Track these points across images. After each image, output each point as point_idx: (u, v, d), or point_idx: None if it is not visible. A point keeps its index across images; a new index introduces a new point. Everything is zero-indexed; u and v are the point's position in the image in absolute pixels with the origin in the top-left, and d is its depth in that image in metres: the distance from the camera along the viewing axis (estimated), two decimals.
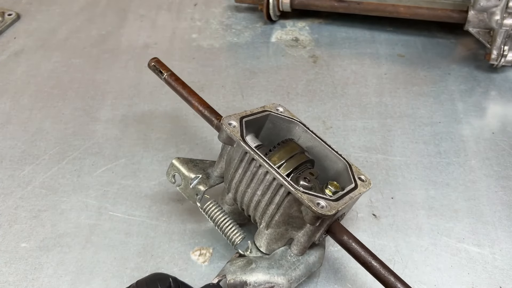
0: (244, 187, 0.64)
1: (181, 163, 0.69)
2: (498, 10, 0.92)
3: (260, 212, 0.63)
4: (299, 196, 0.57)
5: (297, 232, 0.62)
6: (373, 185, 0.79)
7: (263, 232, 0.63)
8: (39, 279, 0.68)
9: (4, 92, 1.00)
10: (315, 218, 0.57)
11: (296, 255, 0.63)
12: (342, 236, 0.61)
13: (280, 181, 0.59)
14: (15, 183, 0.82)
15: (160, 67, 0.78)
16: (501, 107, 0.94)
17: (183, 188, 0.69)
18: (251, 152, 0.62)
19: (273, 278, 0.60)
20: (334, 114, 0.93)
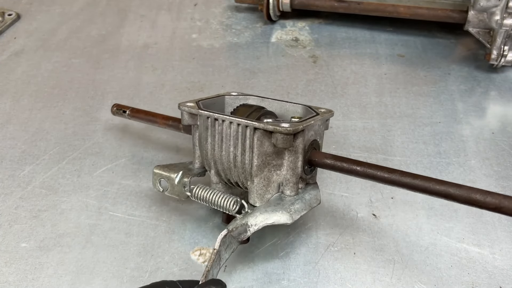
0: (218, 151, 0.66)
1: (162, 168, 0.71)
2: (498, 10, 0.92)
3: (240, 168, 0.64)
4: (263, 126, 0.61)
5: (280, 171, 0.64)
6: (373, 185, 0.79)
7: (251, 187, 0.65)
8: (39, 279, 0.68)
9: (4, 92, 1.00)
10: (285, 140, 0.60)
11: (290, 196, 0.65)
12: (323, 159, 0.64)
13: (243, 123, 0.62)
14: (15, 183, 0.82)
15: (122, 108, 0.85)
16: (501, 107, 0.94)
17: (170, 190, 0.70)
18: (212, 113, 0.65)
19: (272, 214, 0.62)
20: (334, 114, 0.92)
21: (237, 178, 0.66)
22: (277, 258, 0.70)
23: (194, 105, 0.68)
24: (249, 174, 0.64)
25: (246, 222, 0.62)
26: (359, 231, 0.73)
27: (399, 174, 0.60)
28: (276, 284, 0.67)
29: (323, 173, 0.81)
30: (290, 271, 0.68)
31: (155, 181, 0.71)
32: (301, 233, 0.73)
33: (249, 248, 0.71)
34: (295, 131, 0.61)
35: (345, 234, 0.73)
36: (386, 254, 0.70)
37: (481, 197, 0.55)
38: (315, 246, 0.71)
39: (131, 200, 0.78)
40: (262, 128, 0.61)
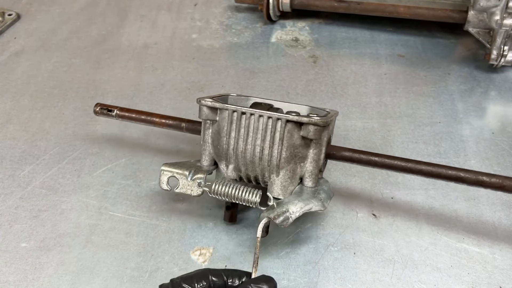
0: (243, 145, 0.66)
1: (171, 166, 0.70)
2: (498, 10, 0.92)
3: (266, 161, 0.66)
4: (297, 118, 0.64)
5: (304, 164, 0.67)
6: (373, 185, 0.79)
7: (276, 180, 0.67)
8: (39, 279, 0.69)
9: (4, 92, 1.00)
10: (316, 131, 0.64)
11: (311, 188, 0.68)
12: (341, 152, 0.70)
13: (275, 116, 0.65)
14: (15, 183, 0.82)
15: (107, 107, 0.80)
16: (501, 107, 0.94)
17: (183, 187, 0.69)
18: (239, 107, 0.66)
19: (309, 203, 0.64)
20: None
21: (258, 172, 0.67)
22: (277, 258, 0.70)
23: (213, 101, 0.68)
24: (275, 166, 0.66)
25: (288, 209, 0.63)
26: (359, 231, 0.73)
27: (415, 163, 0.66)
28: None
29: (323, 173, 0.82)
30: (290, 271, 0.68)
31: (163, 179, 0.70)
32: (301, 233, 0.73)
33: (249, 248, 0.71)
34: (326, 123, 0.64)
35: (345, 234, 0.73)
36: (386, 254, 0.70)
37: (487, 179, 0.64)
38: (315, 246, 0.71)
39: (131, 200, 0.79)
40: (296, 121, 0.64)
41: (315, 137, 0.64)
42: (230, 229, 0.74)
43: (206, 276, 0.57)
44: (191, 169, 0.69)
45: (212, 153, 0.71)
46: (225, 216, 0.73)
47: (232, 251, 0.71)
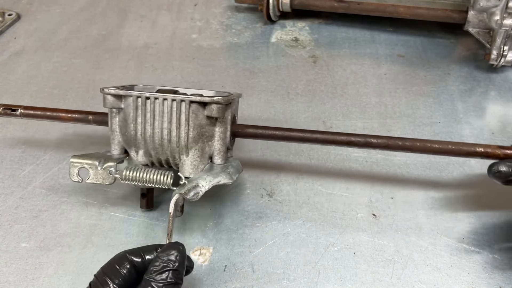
0: (150, 130, 0.68)
1: (80, 157, 0.70)
2: (498, 10, 0.92)
3: (175, 143, 0.68)
4: (200, 98, 0.67)
5: (212, 142, 0.70)
6: (373, 185, 0.79)
7: (186, 160, 0.69)
8: (40, 279, 0.69)
9: (5, 92, 1.01)
10: (219, 109, 0.67)
11: (221, 164, 0.71)
12: (245, 129, 0.73)
13: (179, 98, 0.67)
14: (15, 183, 0.82)
15: (10, 106, 0.78)
16: (500, 107, 0.94)
17: (94, 177, 0.70)
18: (142, 93, 0.68)
19: (217, 177, 0.68)
20: (334, 114, 0.93)
21: (168, 155, 0.69)
22: (277, 258, 0.70)
23: (118, 88, 0.70)
24: (184, 147, 0.68)
25: (197, 184, 0.66)
26: (359, 231, 0.73)
27: (310, 132, 0.72)
28: (276, 284, 0.67)
29: (323, 173, 0.82)
30: (290, 271, 0.69)
31: (73, 171, 0.70)
32: (301, 233, 0.73)
33: (249, 247, 0.72)
34: (228, 101, 0.68)
35: (345, 234, 0.73)
36: (386, 254, 0.70)
37: (375, 140, 0.71)
38: (315, 246, 0.71)
39: (131, 200, 0.79)
40: (199, 101, 0.67)
41: (219, 115, 0.67)
42: (230, 229, 0.74)
43: (125, 258, 0.57)
44: (100, 159, 0.70)
45: (121, 141, 0.72)
46: (141, 203, 0.75)
47: (232, 251, 0.71)
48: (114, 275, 0.56)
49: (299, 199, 0.78)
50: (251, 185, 0.80)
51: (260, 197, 0.79)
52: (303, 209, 0.76)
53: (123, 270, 0.56)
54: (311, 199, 0.78)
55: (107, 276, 0.56)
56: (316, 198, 0.78)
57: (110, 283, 0.55)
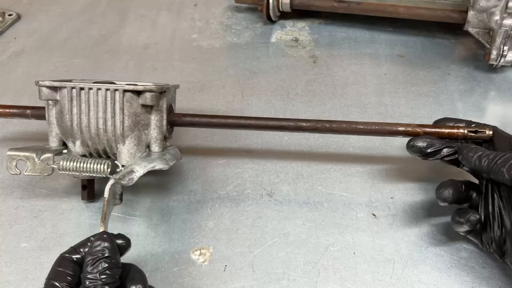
0: (86, 120, 0.69)
1: (17, 150, 0.71)
2: (498, 11, 0.92)
3: (111, 132, 0.69)
4: (133, 87, 0.68)
5: (148, 130, 0.71)
6: (373, 185, 0.79)
7: (123, 149, 0.70)
8: (40, 278, 0.69)
9: (5, 92, 1.01)
10: (153, 97, 0.68)
11: (158, 152, 0.72)
12: (182, 118, 0.76)
13: (112, 87, 0.68)
14: (15, 183, 0.82)
15: None
16: (500, 107, 0.94)
17: (31, 169, 0.70)
18: (77, 84, 0.69)
19: (153, 162, 0.69)
20: (334, 114, 0.93)
21: (106, 145, 0.70)
22: (277, 258, 0.70)
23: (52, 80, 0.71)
24: (120, 136, 0.69)
25: (132, 169, 0.67)
26: (359, 231, 0.73)
27: (244, 119, 0.75)
28: (276, 284, 0.67)
29: (323, 173, 0.82)
30: (290, 271, 0.69)
31: (11, 164, 0.71)
32: (301, 233, 0.73)
33: (249, 248, 0.72)
34: (162, 90, 0.70)
35: (344, 234, 0.73)
36: (385, 254, 0.70)
37: (305, 124, 0.74)
38: (315, 246, 0.71)
39: (131, 200, 0.79)
40: (132, 90, 0.68)
41: (153, 103, 0.69)
42: (230, 229, 0.74)
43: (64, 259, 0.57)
44: (38, 151, 0.71)
45: (59, 133, 0.73)
46: (82, 195, 0.77)
47: (232, 251, 0.71)
48: (61, 278, 0.55)
49: (299, 199, 0.78)
50: (251, 185, 0.80)
51: (260, 197, 0.79)
52: (303, 209, 0.77)
53: (67, 270, 0.56)
54: (311, 199, 0.78)
55: (55, 281, 0.55)
56: (316, 198, 0.78)
57: (60, 285, 0.54)
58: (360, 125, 0.74)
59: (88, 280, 0.53)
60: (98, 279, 0.53)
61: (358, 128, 0.74)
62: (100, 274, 0.54)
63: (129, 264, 0.58)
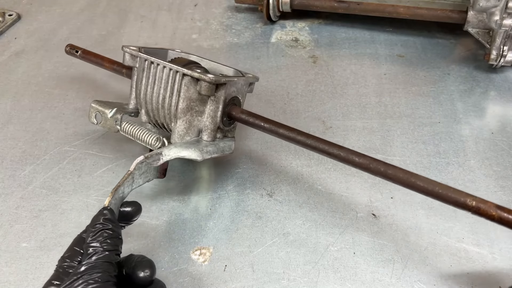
0: (150, 92, 0.73)
1: (98, 103, 0.78)
2: (498, 11, 0.92)
3: (167, 109, 0.72)
4: (191, 73, 0.69)
5: (201, 118, 0.72)
6: (373, 185, 0.79)
7: (175, 128, 0.72)
8: (40, 278, 0.69)
9: (5, 92, 1.01)
10: (208, 88, 0.69)
11: (206, 141, 0.73)
12: (239, 114, 0.74)
13: (175, 68, 0.71)
14: (16, 183, 0.82)
15: (75, 48, 0.95)
16: (500, 107, 0.94)
17: (103, 123, 0.77)
18: (149, 57, 0.73)
19: (185, 150, 0.69)
20: (333, 114, 0.93)
21: (163, 119, 0.74)
22: (277, 258, 0.70)
23: (136, 49, 0.76)
24: (173, 115, 0.72)
25: (161, 152, 0.69)
26: (359, 231, 0.73)
27: (296, 133, 0.70)
28: (276, 284, 0.67)
29: (322, 173, 0.82)
30: (290, 271, 0.69)
31: (91, 114, 0.78)
32: (301, 233, 0.73)
33: (249, 247, 0.72)
34: (217, 82, 0.69)
35: (344, 234, 0.73)
36: (385, 254, 0.70)
37: (358, 159, 0.65)
38: (315, 246, 0.72)
39: (131, 200, 0.79)
40: (190, 75, 0.70)
41: (207, 93, 0.69)
42: (230, 229, 0.74)
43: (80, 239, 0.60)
44: (114, 108, 0.76)
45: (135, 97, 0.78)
46: None
47: (232, 251, 0.71)
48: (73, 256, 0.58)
49: (299, 199, 0.78)
50: (251, 185, 0.80)
51: (260, 197, 0.79)
52: (303, 209, 0.77)
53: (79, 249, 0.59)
54: (311, 199, 0.78)
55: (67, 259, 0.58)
56: (316, 198, 0.78)
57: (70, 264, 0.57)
58: (419, 181, 0.61)
59: (91, 247, 0.56)
60: (99, 246, 0.56)
61: (416, 184, 0.61)
62: (101, 243, 0.56)
63: (139, 255, 0.60)
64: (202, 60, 0.83)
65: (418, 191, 0.61)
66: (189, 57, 0.84)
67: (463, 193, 0.58)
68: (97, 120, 0.78)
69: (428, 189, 0.60)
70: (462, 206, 0.58)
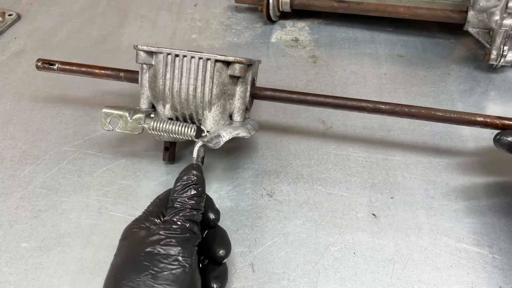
0: (178, 85, 0.73)
1: (112, 108, 0.77)
2: (498, 11, 0.92)
3: (199, 99, 0.73)
4: (225, 58, 0.72)
5: (233, 101, 0.75)
6: (373, 185, 0.79)
7: (208, 115, 0.74)
8: (40, 278, 0.69)
9: (5, 92, 1.01)
10: (242, 69, 0.72)
11: (239, 122, 0.76)
12: (263, 92, 0.79)
13: (205, 56, 0.72)
14: (15, 183, 0.82)
15: (48, 61, 0.87)
16: (500, 107, 0.94)
17: (123, 127, 0.76)
18: (172, 50, 0.73)
19: (237, 130, 0.73)
20: (334, 114, 0.93)
21: (192, 110, 0.74)
22: (277, 258, 0.70)
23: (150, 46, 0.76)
24: (207, 103, 0.73)
25: (219, 134, 0.71)
26: (359, 231, 0.73)
27: (323, 97, 0.78)
28: (276, 284, 0.67)
29: (323, 173, 0.82)
30: (290, 271, 0.69)
31: (105, 120, 0.76)
32: (301, 233, 0.73)
33: (249, 247, 0.72)
34: (250, 62, 0.73)
35: (344, 234, 0.73)
36: (385, 254, 0.70)
37: (385, 107, 0.76)
38: (315, 246, 0.71)
39: (132, 200, 0.79)
40: (224, 60, 0.72)
41: (241, 74, 0.72)
42: (230, 229, 0.74)
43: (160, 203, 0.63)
44: (130, 110, 0.76)
45: (150, 96, 0.77)
46: (164, 156, 0.82)
47: (232, 251, 0.71)
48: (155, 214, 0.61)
49: (299, 199, 0.78)
50: (251, 185, 0.80)
51: (260, 197, 0.79)
52: (303, 209, 0.77)
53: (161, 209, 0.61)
54: (311, 199, 0.78)
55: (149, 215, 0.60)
56: (316, 198, 0.78)
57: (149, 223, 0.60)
58: (438, 112, 0.75)
59: (178, 203, 0.58)
60: (186, 202, 0.58)
61: (437, 115, 0.75)
62: (188, 199, 0.58)
63: (221, 229, 0.64)
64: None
65: (438, 120, 0.75)
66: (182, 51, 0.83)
67: (472, 113, 0.74)
68: (113, 126, 0.76)
69: (446, 117, 0.75)
70: (474, 123, 0.74)
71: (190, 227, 0.57)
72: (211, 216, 0.63)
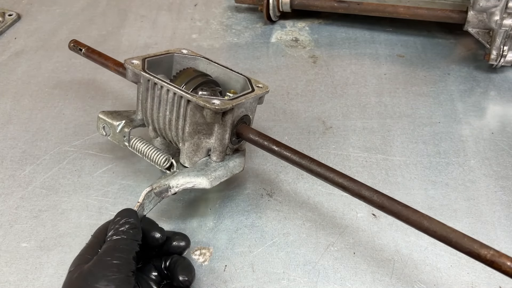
0: (156, 112, 0.71)
1: (106, 115, 0.76)
2: (498, 11, 0.92)
3: (174, 131, 0.70)
4: (195, 100, 0.65)
5: (209, 139, 0.70)
6: (373, 185, 0.79)
7: (182, 148, 0.71)
8: (40, 278, 0.69)
9: (5, 92, 1.01)
10: (213, 114, 0.65)
11: (216, 162, 0.71)
12: (249, 134, 0.70)
13: (179, 93, 0.67)
14: (15, 183, 0.82)
15: (79, 45, 0.91)
16: (500, 107, 0.94)
17: (112, 136, 0.75)
18: (152, 78, 0.70)
19: (193, 179, 0.68)
20: (333, 114, 0.93)
21: (171, 138, 0.73)
22: (277, 258, 0.70)
23: (139, 64, 0.72)
24: (181, 138, 0.70)
25: (169, 184, 0.67)
26: (359, 231, 0.73)
27: (309, 160, 0.65)
28: (276, 284, 0.67)
29: None
30: (290, 271, 0.69)
31: (99, 125, 0.76)
32: (301, 233, 0.73)
33: (249, 247, 0.72)
34: (224, 110, 0.65)
35: (344, 234, 0.73)
36: (385, 254, 0.70)
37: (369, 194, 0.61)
38: (315, 246, 0.71)
39: (132, 200, 0.79)
40: (195, 102, 0.66)
41: (212, 121, 0.67)
42: (230, 229, 0.74)
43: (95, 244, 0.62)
44: (122, 121, 0.74)
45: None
46: None
47: (232, 251, 0.71)
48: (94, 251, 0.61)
49: (299, 199, 0.78)
50: (251, 185, 0.80)
51: (260, 197, 0.79)
52: (303, 209, 0.77)
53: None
54: (311, 199, 0.78)
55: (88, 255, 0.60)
56: (316, 198, 0.78)
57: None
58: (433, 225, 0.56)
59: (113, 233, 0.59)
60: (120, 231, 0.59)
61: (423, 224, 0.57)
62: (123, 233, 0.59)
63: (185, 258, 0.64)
64: (210, 64, 0.79)
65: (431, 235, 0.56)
66: (196, 59, 0.79)
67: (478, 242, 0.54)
68: (106, 132, 0.76)
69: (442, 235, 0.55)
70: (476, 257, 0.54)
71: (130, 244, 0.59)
72: (156, 235, 0.64)
